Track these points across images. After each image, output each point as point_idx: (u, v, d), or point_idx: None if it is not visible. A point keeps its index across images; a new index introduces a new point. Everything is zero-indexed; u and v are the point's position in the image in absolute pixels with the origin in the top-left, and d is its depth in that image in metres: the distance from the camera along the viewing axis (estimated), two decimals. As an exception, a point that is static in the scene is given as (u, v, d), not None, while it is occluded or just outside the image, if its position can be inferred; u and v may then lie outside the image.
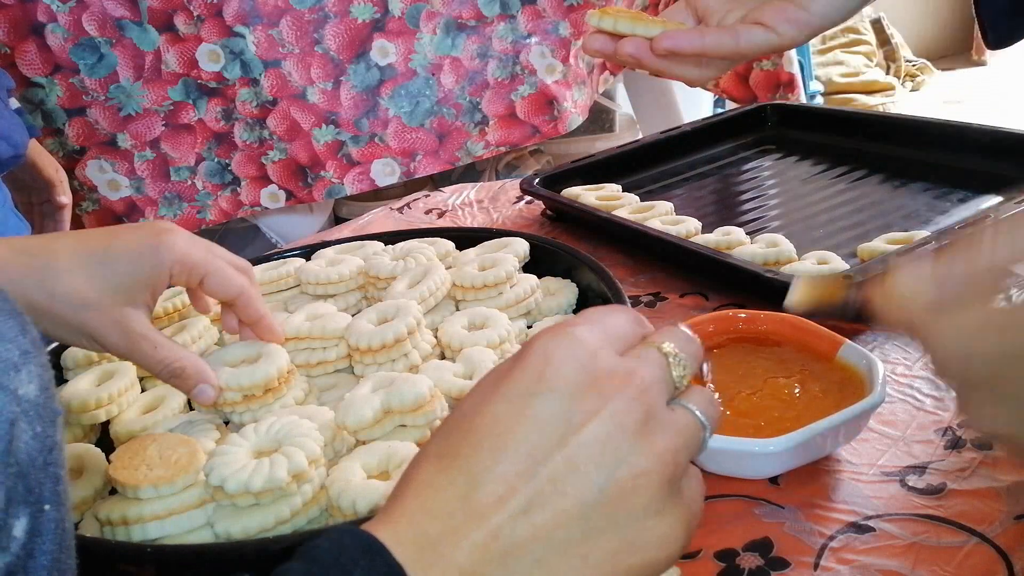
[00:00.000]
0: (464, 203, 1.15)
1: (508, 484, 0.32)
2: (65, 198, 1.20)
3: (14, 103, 1.09)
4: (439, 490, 0.32)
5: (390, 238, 0.88)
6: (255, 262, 0.87)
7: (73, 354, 0.72)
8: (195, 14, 1.50)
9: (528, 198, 1.11)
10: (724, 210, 1.02)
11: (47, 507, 0.31)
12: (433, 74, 1.65)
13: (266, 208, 1.71)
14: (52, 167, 1.17)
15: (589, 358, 0.34)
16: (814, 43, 3.15)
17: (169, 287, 0.62)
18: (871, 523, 0.52)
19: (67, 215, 1.22)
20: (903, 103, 3.31)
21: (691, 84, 0.65)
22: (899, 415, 0.61)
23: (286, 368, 0.65)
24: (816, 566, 0.49)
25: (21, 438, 0.31)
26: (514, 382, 0.34)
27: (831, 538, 0.51)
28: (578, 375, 0.33)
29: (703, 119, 1.24)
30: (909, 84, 3.57)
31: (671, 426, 0.34)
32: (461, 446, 0.33)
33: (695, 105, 2.17)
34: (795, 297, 0.50)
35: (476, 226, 1.07)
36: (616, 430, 0.32)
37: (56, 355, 0.73)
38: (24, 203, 1.17)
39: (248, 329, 0.66)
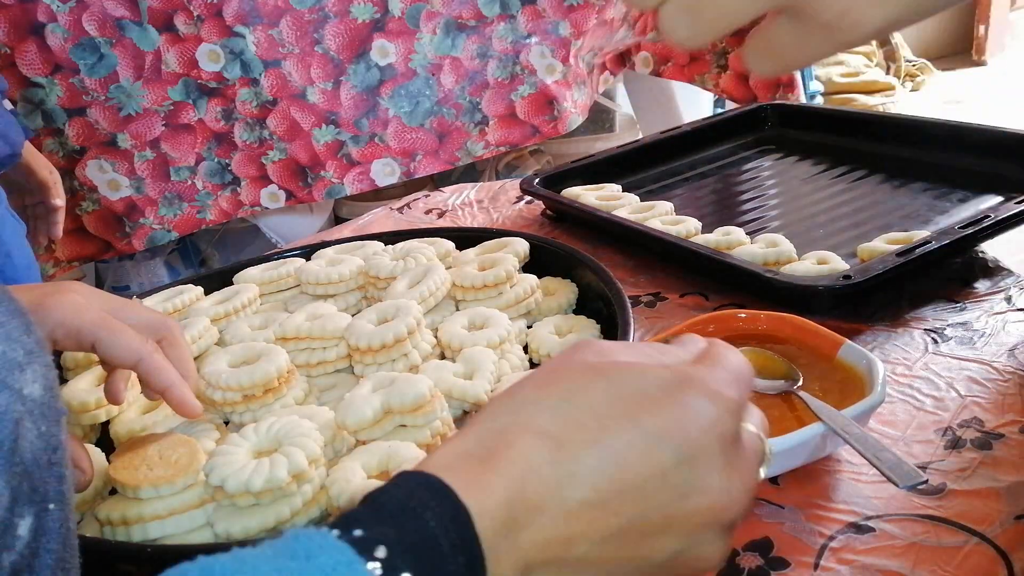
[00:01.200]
0: (464, 203, 1.15)
1: (606, 509, 0.32)
2: (59, 200, 1.20)
3: (8, 105, 1.10)
4: (543, 481, 0.32)
5: (390, 238, 0.88)
6: (255, 262, 0.87)
7: (73, 355, 0.72)
8: (195, 14, 1.50)
9: (528, 198, 1.11)
10: (724, 210, 1.02)
11: (52, 506, 0.31)
12: (433, 74, 1.65)
13: (266, 208, 1.71)
14: (46, 169, 1.18)
15: (728, 442, 0.35)
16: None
17: (64, 350, 0.62)
18: (871, 523, 0.52)
19: (60, 217, 1.22)
20: (903, 103, 3.32)
21: None
22: (899, 415, 0.61)
23: (286, 368, 0.65)
24: (816, 566, 0.49)
25: (26, 437, 0.31)
26: (653, 416, 0.34)
27: (831, 538, 0.51)
28: (711, 449, 0.34)
29: (703, 119, 1.24)
30: (909, 84, 3.57)
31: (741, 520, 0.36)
32: (578, 443, 0.33)
33: (695, 105, 2.17)
34: None
35: (476, 226, 1.07)
36: (713, 518, 0.34)
37: (56, 355, 0.73)
38: (18, 206, 1.18)
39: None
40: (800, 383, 0.59)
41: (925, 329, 0.71)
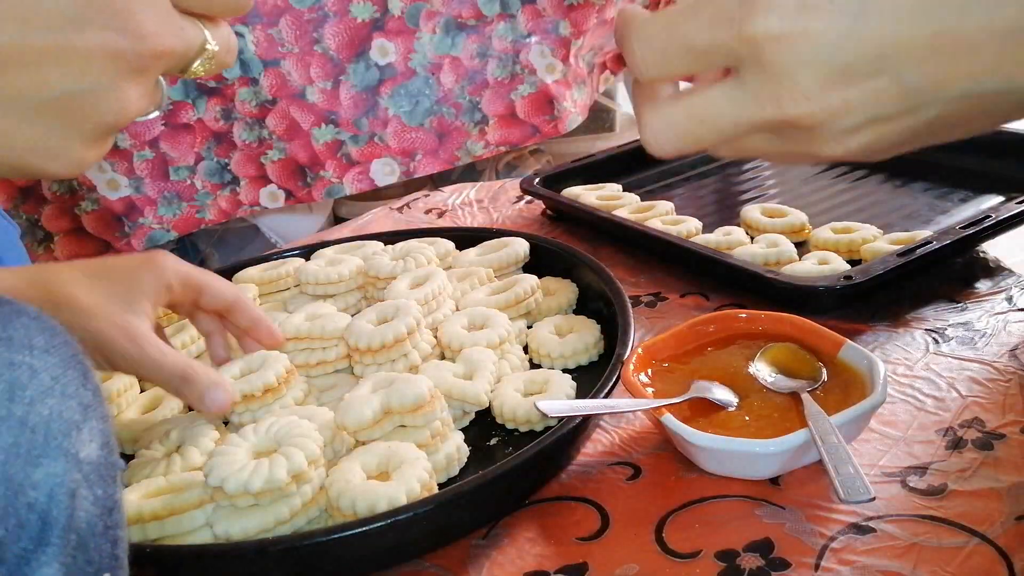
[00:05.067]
0: (464, 203, 1.15)
1: None
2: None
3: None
4: None
5: (390, 238, 0.88)
6: (255, 262, 0.87)
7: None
8: (194, 13, 1.50)
9: (528, 198, 1.11)
10: (724, 210, 1.01)
11: (106, 575, 0.30)
12: (433, 73, 1.65)
13: (265, 208, 1.71)
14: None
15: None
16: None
17: (170, 307, 0.65)
18: (872, 524, 0.52)
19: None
20: (903, 103, 3.31)
21: None
22: (900, 415, 0.61)
23: (284, 370, 0.65)
24: (817, 567, 0.49)
25: (82, 507, 0.29)
26: None
27: (832, 539, 0.51)
28: None
29: (703, 119, 1.24)
30: (909, 84, 3.57)
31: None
32: None
33: (695, 105, 2.16)
34: None
35: (476, 226, 1.06)
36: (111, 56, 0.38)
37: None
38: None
39: (248, 340, 0.67)
40: (817, 386, 0.59)
41: (926, 329, 0.71)
